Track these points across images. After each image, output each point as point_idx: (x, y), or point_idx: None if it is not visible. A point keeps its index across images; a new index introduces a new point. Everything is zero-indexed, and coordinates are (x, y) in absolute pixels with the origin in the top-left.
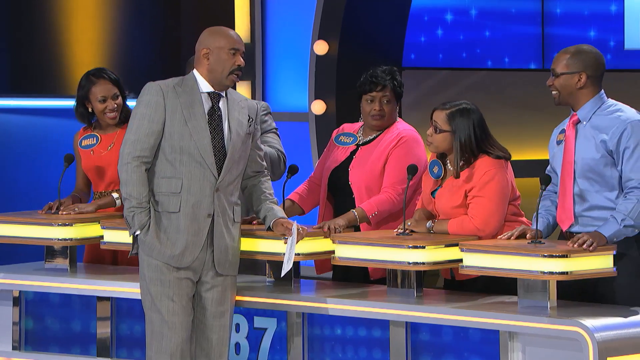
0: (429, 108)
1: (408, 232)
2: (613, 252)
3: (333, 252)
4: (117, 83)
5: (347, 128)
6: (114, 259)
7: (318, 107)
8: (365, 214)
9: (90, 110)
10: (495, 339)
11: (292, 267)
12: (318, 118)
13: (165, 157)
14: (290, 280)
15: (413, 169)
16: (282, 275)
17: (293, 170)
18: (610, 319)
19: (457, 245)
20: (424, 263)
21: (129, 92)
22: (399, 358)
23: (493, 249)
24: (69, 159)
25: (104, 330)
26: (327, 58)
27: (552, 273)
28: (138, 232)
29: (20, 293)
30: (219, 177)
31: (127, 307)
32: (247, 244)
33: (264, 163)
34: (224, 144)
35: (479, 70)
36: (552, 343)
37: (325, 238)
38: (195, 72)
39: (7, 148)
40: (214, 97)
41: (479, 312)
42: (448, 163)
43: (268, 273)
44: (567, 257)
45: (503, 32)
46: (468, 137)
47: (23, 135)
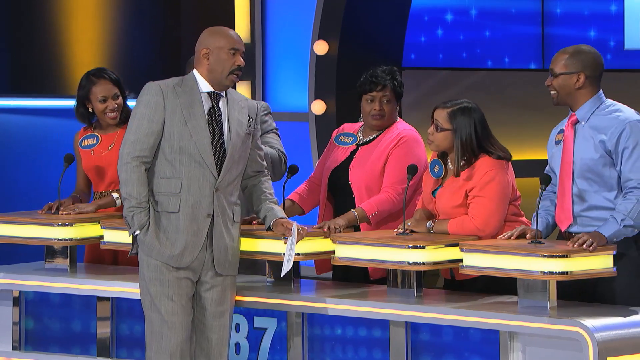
0: (429, 108)
1: (408, 232)
2: (613, 252)
3: (333, 252)
4: (117, 83)
5: (347, 128)
6: (115, 259)
7: (318, 107)
8: (365, 214)
9: (91, 110)
10: (495, 339)
11: (292, 267)
12: (318, 118)
13: (165, 157)
14: (290, 280)
15: (413, 169)
16: (282, 275)
17: (293, 170)
18: (610, 319)
19: (457, 245)
20: (424, 263)
21: (129, 92)
22: (399, 358)
23: (493, 249)
24: (69, 159)
25: (104, 330)
26: (327, 58)
27: (552, 273)
28: (137, 232)
29: (20, 293)
30: (219, 177)
31: (127, 307)
32: (247, 244)
33: (264, 163)
34: (224, 144)
35: (479, 70)
36: (552, 343)
37: (325, 238)
38: (195, 72)
39: (7, 148)
40: (214, 97)
41: (479, 312)
42: (449, 162)
43: (268, 273)
44: (567, 257)
45: (503, 32)
46: (469, 135)
47: (23, 135)
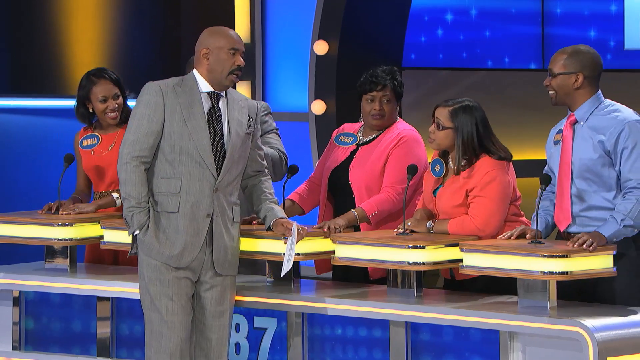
0: (429, 108)
1: (408, 232)
2: (613, 252)
3: (333, 252)
4: (117, 83)
5: (347, 128)
6: (115, 259)
7: (318, 107)
8: (365, 214)
9: (91, 110)
10: (495, 339)
11: (292, 267)
12: (318, 118)
13: (165, 157)
14: (290, 280)
15: (413, 169)
16: (282, 275)
17: (293, 170)
18: (610, 319)
19: (457, 245)
20: (424, 263)
21: (129, 92)
22: (399, 358)
23: (493, 249)
24: (69, 159)
25: (104, 330)
26: (327, 58)
27: (552, 273)
28: (137, 232)
29: (20, 293)
30: (218, 177)
31: (127, 307)
32: (247, 244)
33: (264, 162)
34: (224, 144)
35: (479, 70)
36: (552, 343)
37: (325, 238)
38: (195, 72)
39: (7, 148)
40: (214, 97)
41: (479, 312)
42: (450, 161)
43: (268, 273)
44: (567, 257)
45: (503, 32)
46: (471, 134)
47: (23, 135)
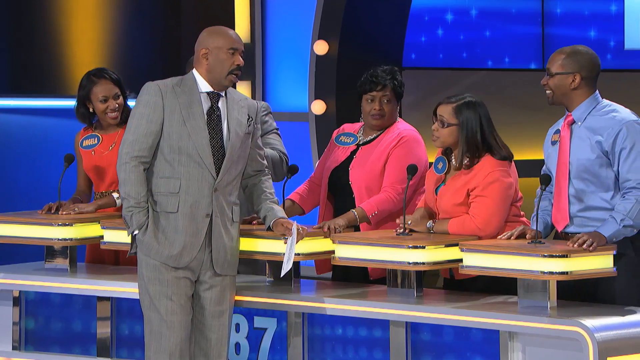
0: (429, 108)
1: (407, 231)
2: (613, 252)
3: (333, 252)
4: (118, 83)
5: (347, 128)
6: (115, 259)
7: (318, 107)
8: (365, 214)
9: (91, 111)
10: (496, 339)
11: (292, 267)
12: (318, 118)
13: (164, 157)
14: (290, 280)
15: (413, 169)
16: (282, 275)
17: (293, 170)
18: (610, 319)
19: (457, 245)
20: (424, 263)
21: (130, 92)
22: (399, 358)
23: (493, 249)
24: (69, 159)
25: (104, 331)
26: (327, 58)
27: (552, 273)
28: (136, 231)
29: (21, 293)
30: (218, 177)
31: (127, 307)
32: (246, 244)
33: (265, 162)
34: (223, 144)
35: (479, 70)
36: (552, 343)
37: (325, 238)
38: (195, 72)
39: (7, 148)
40: (213, 96)
41: (479, 312)
42: (453, 159)
43: (268, 273)
44: (567, 257)
45: (503, 32)
46: (475, 130)
47: (23, 135)
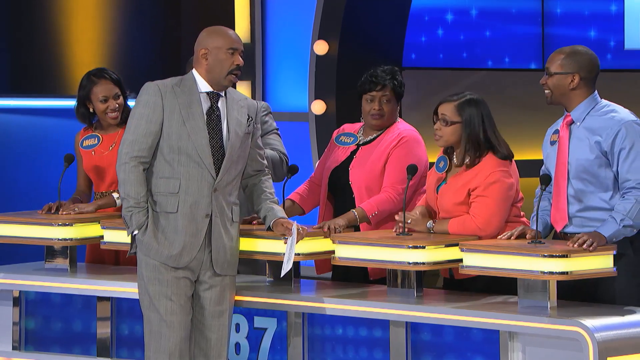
0: (429, 108)
1: (406, 230)
2: (613, 252)
3: (333, 252)
4: (118, 83)
5: (347, 128)
6: (116, 259)
7: (318, 107)
8: (366, 214)
9: (91, 111)
10: (496, 339)
11: (292, 267)
12: (318, 118)
13: (164, 157)
14: (290, 280)
15: (413, 169)
16: (282, 275)
17: (293, 170)
18: (610, 319)
19: (457, 245)
20: (424, 263)
21: (130, 92)
22: (399, 358)
23: (493, 249)
24: (69, 159)
25: (104, 331)
26: (327, 58)
27: (552, 273)
28: (136, 232)
29: (21, 293)
30: (217, 177)
31: (127, 307)
32: (246, 244)
33: (265, 162)
34: (223, 144)
35: (479, 70)
36: (552, 343)
37: (325, 238)
38: (194, 72)
39: (7, 148)
40: (213, 96)
41: (479, 312)
42: (454, 157)
43: (268, 273)
44: (567, 257)
45: (503, 32)
46: (478, 127)
47: (23, 135)
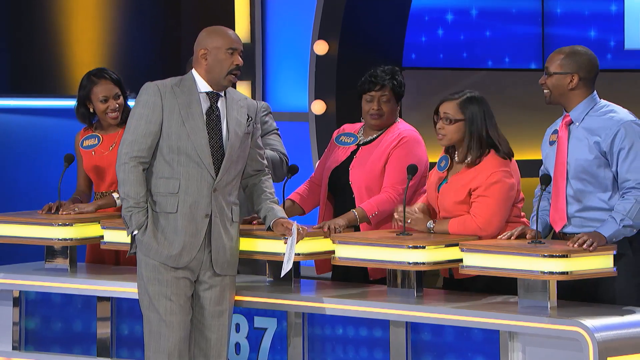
0: (429, 108)
1: (406, 231)
2: (613, 252)
3: (333, 252)
4: (118, 83)
5: (347, 128)
6: (116, 259)
7: (318, 107)
8: (366, 214)
9: (92, 111)
10: (496, 339)
11: (292, 267)
12: (318, 118)
13: (163, 157)
14: (290, 280)
15: (413, 169)
16: (282, 276)
17: (293, 170)
18: (610, 319)
19: (457, 245)
20: (424, 263)
21: (130, 92)
22: (399, 358)
23: (493, 249)
24: (69, 159)
25: (104, 331)
26: (327, 58)
27: (552, 273)
28: (135, 232)
29: (21, 293)
30: (217, 177)
31: (127, 307)
32: (246, 244)
33: (265, 162)
34: (222, 144)
35: (479, 70)
36: (552, 343)
37: (325, 238)
38: (194, 72)
39: (7, 148)
40: (213, 97)
41: (479, 312)
42: (456, 156)
43: (268, 273)
44: (567, 257)
45: (503, 32)
46: (481, 124)
47: (23, 135)
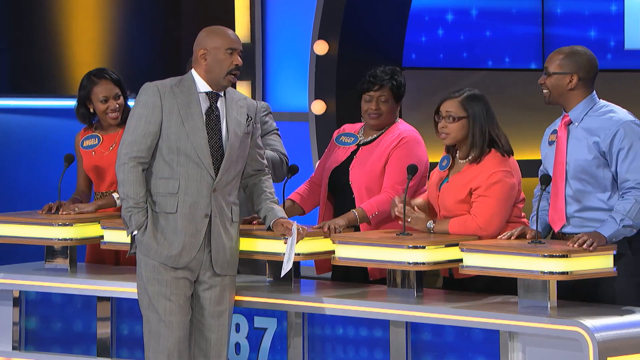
0: (429, 108)
1: (406, 230)
2: (613, 252)
3: (333, 252)
4: (118, 83)
5: (348, 128)
6: (116, 259)
7: (318, 107)
8: (366, 214)
9: (92, 111)
10: (496, 339)
11: (292, 267)
12: (318, 118)
13: (163, 157)
14: (290, 280)
15: (413, 169)
16: (282, 276)
17: (293, 170)
18: (610, 319)
19: (457, 245)
20: (424, 263)
21: (130, 92)
22: (399, 358)
23: (493, 249)
24: (69, 159)
25: (104, 331)
26: (327, 58)
27: (552, 273)
28: (135, 232)
29: (21, 293)
30: (216, 177)
31: (127, 307)
32: (246, 244)
33: (265, 161)
34: (222, 144)
35: (479, 70)
36: (552, 343)
37: (325, 238)
38: (193, 72)
39: (7, 148)
40: (212, 97)
41: (479, 312)
42: (458, 154)
43: (268, 273)
44: (567, 257)
45: (503, 32)
46: (483, 121)
47: (23, 135)
